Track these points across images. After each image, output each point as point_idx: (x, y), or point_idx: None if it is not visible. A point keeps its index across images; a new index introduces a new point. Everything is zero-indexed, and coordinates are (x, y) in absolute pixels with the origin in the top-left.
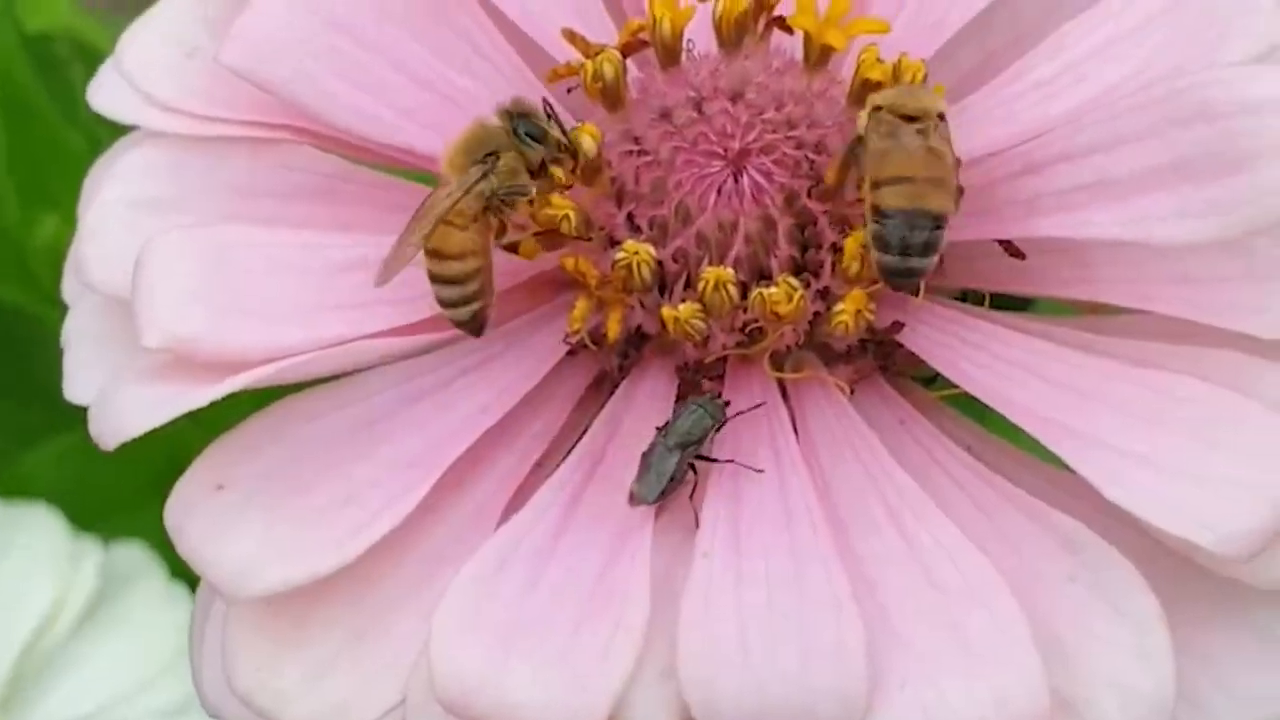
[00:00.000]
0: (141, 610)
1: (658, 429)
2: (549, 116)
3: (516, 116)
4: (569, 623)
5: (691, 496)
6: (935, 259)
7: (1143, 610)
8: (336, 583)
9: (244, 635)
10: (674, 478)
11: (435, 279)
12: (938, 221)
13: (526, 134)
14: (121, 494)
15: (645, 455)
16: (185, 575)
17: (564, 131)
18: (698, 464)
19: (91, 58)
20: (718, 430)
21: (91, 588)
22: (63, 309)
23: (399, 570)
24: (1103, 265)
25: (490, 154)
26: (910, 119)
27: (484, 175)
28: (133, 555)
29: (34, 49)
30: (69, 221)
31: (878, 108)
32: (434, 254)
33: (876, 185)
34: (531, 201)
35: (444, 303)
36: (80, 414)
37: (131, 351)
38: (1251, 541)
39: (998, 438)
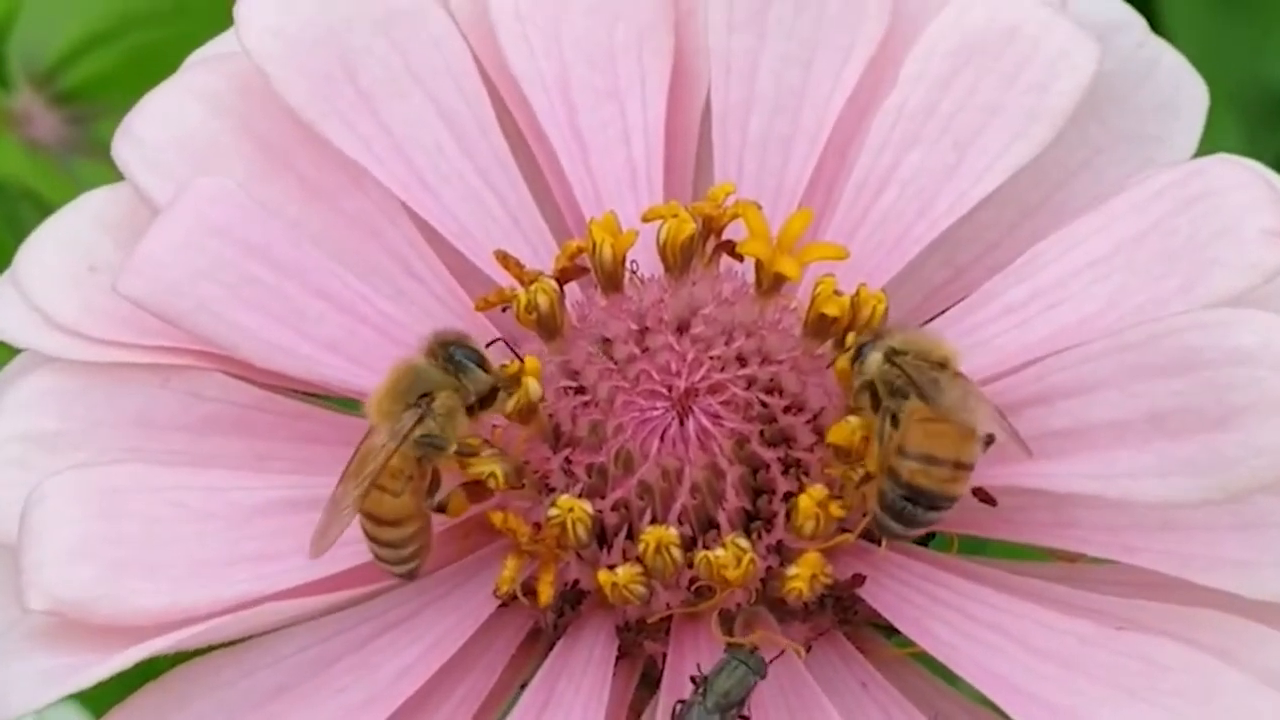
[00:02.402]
0: None
1: (694, 683)
2: (490, 345)
3: (448, 344)
4: None
5: None
6: None
7: None
8: None
9: None
10: None
11: (373, 540)
12: (951, 502)
13: (464, 359)
14: None
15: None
16: None
17: (516, 357)
18: None
19: (39, 202)
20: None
21: None
22: None
23: None
24: (1081, 510)
25: (424, 395)
26: (938, 365)
27: (419, 419)
28: (65, 716)
29: None
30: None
31: (895, 351)
32: (370, 517)
33: (904, 454)
34: (468, 453)
35: (379, 559)
36: None
37: (17, 609)
38: None
39: (964, 697)
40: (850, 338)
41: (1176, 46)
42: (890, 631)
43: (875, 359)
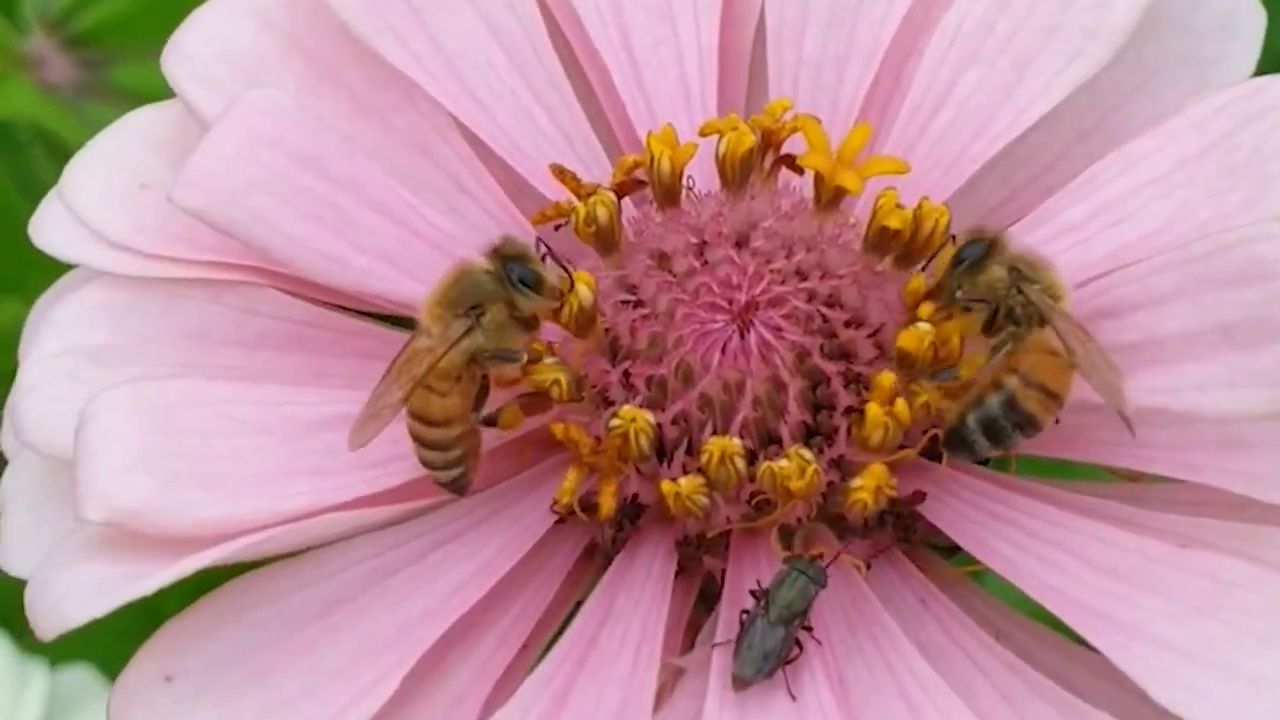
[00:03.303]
0: None
1: (755, 598)
2: (543, 259)
3: (507, 259)
4: None
5: (773, 672)
6: None
7: None
8: None
9: None
10: (781, 655)
11: (418, 440)
12: (1039, 429)
13: (520, 280)
14: None
15: (741, 632)
16: None
17: (564, 270)
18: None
19: (53, 143)
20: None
21: (38, 713)
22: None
23: None
24: (1147, 428)
25: (475, 307)
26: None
27: (468, 331)
28: (80, 679)
29: None
30: (28, 305)
31: (1021, 274)
32: (415, 417)
33: (1021, 377)
34: (534, 359)
35: (426, 464)
36: None
37: (73, 519)
38: None
39: (1023, 615)
40: (947, 251)
41: None
42: (948, 553)
43: (998, 275)
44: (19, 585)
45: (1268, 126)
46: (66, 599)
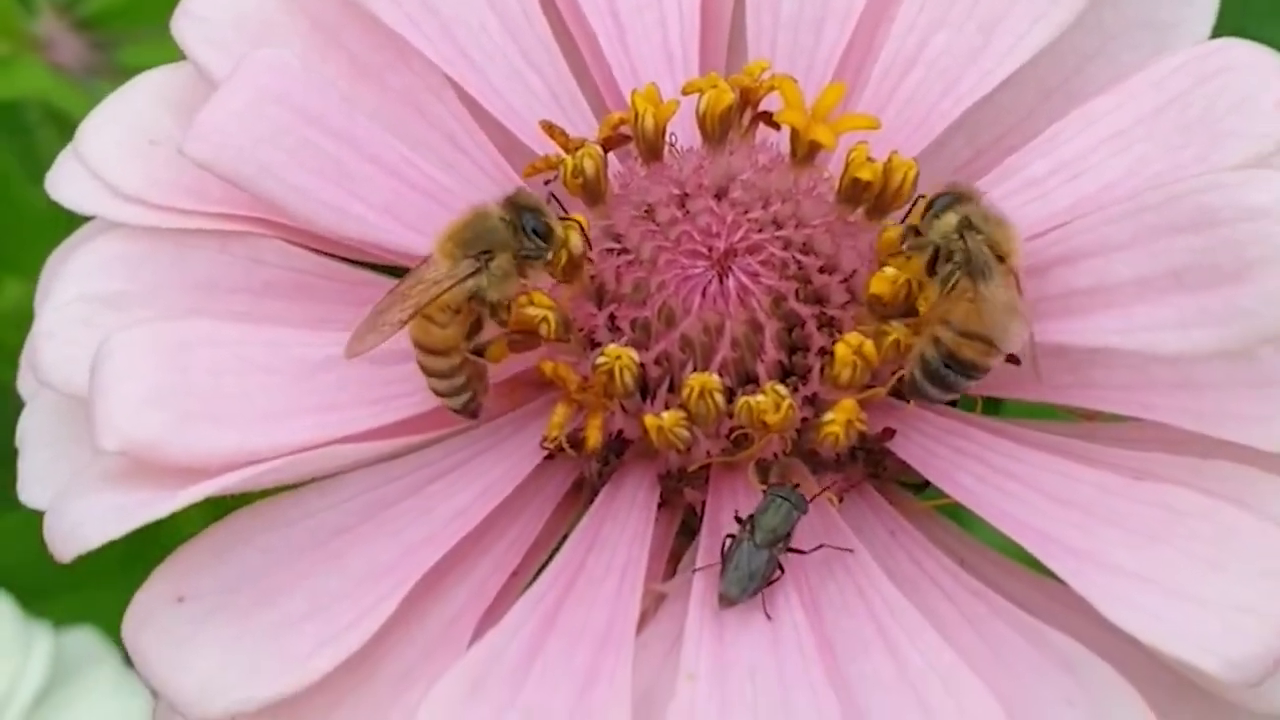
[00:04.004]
0: (93, 697)
1: (740, 523)
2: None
3: (522, 210)
4: None
5: (757, 592)
6: None
7: None
8: (302, 701)
9: None
10: (765, 576)
11: (424, 369)
12: (983, 373)
13: (533, 230)
14: (87, 567)
15: (728, 554)
16: None
17: (566, 216)
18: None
19: (63, 122)
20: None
21: (41, 676)
22: (20, 403)
23: (368, 688)
24: (1101, 370)
25: (485, 251)
26: (999, 258)
27: (474, 272)
28: (84, 641)
29: (1, 113)
30: (33, 285)
31: (970, 224)
32: (417, 345)
33: (948, 324)
34: (509, 309)
35: (436, 393)
36: None
37: (89, 453)
38: (1258, 668)
39: (989, 547)
40: (921, 202)
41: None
42: (917, 490)
43: (949, 222)
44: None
45: (1220, 86)
46: (84, 524)
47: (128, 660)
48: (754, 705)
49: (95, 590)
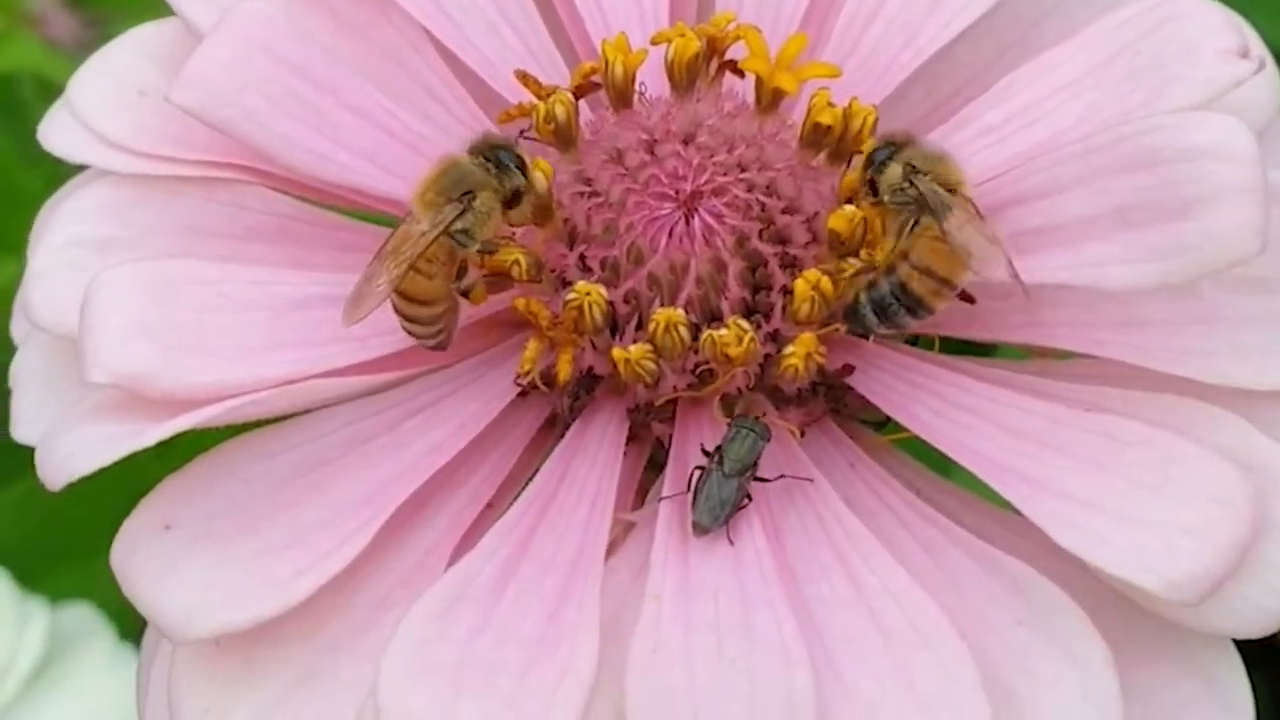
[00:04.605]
0: (89, 672)
1: (708, 456)
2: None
3: (494, 149)
4: (517, 666)
5: (728, 520)
6: None
7: (1091, 654)
8: (285, 623)
9: (190, 677)
10: (735, 504)
11: (403, 316)
12: (929, 313)
13: (509, 161)
14: (83, 539)
15: (698, 485)
16: (135, 634)
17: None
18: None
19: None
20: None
21: (38, 650)
22: (12, 349)
23: (348, 611)
24: (1052, 309)
25: (467, 193)
26: (950, 190)
27: (460, 214)
28: (81, 615)
29: None
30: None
31: (915, 169)
32: (403, 296)
33: (907, 259)
34: (493, 250)
35: (411, 334)
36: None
37: (80, 391)
38: (1197, 587)
39: (946, 480)
40: (867, 144)
41: None
42: (877, 426)
43: (896, 172)
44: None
45: (1166, 36)
46: (74, 454)
47: (123, 635)
48: (716, 623)
49: (90, 568)
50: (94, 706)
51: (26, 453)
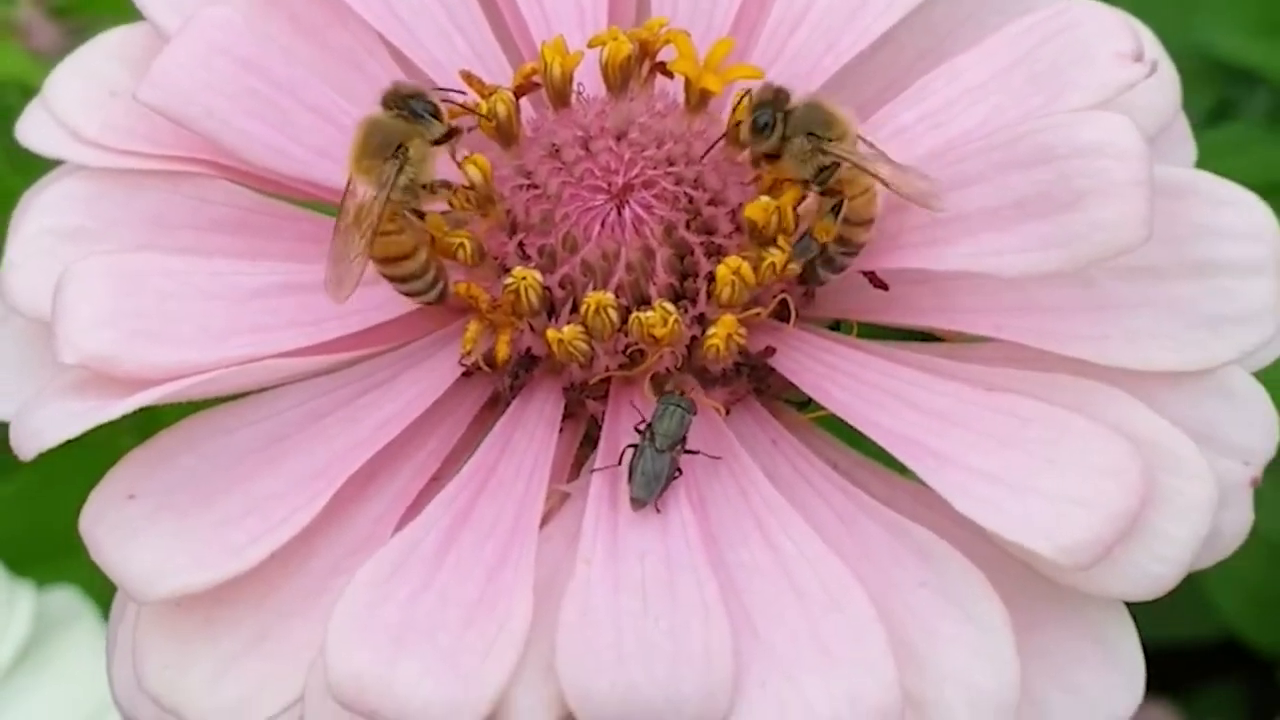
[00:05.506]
0: (74, 655)
1: (640, 434)
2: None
3: (407, 99)
4: (456, 624)
5: (663, 492)
6: None
7: (989, 614)
8: (241, 586)
9: (153, 635)
10: (668, 476)
11: (393, 280)
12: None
13: (422, 109)
14: (67, 537)
15: (633, 462)
16: None
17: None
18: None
19: None
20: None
21: (24, 633)
22: None
23: (300, 576)
24: (960, 295)
25: (398, 147)
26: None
27: (400, 168)
28: (66, 599)
29: None
30: None
31: (819, 137)
32: (384, 261)
33: (849, 221)
34: (447, 186)
35: (408, 294)
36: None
37: (52, 371)
38: (1088, 552)
39: (862, 456)
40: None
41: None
42: (800, 406)
43: (800, 145)
44: None
45: (1065, 42)
46: (44, 428)
47: (108, 619)
48: (642, 585)
49: (72, 565)
50: (78, 687)
51: (10, 450)
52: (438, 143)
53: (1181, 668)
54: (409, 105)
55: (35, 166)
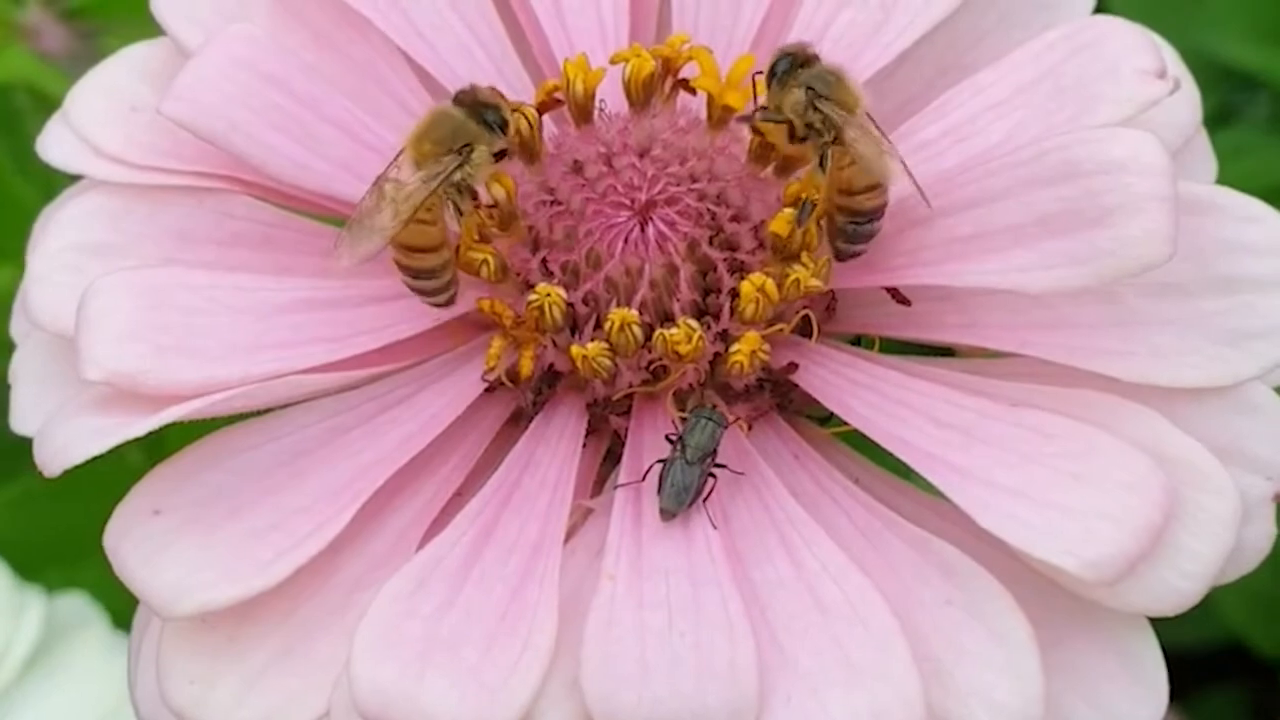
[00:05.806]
0: (84, 660)
1: (672, 445)
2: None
3: (482, 106)
4: (482, 640)
5: (692, 504)
6: None
7: (1014, 630)
8: (267, 602)
9: (178, 651)
10: (698, 489)
11: (411, 271)
12: (882, 212)
13: (495, 123)
14: (76, 541)
15: (663, 473)
16: (126, 626)
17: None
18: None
19: (51, 112)
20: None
21: (34, 639)
22: (11, 347)
23: (325, 590)
24: (983, 311)
25: (465, 145)
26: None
27: (459, 165)
28: (75, 605)
29: None
30: (20, 273)
31: (819, 96)
32: (405, 248)
33: (851, 192)
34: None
35: (416, 290)
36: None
37: (76, 386)
38: (1112, 567)
39: (885, 471)
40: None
41: (1114, 13)
42: (822, 421)
43: (798, 96)
44: None
45: (1090, 57)
46: (69, 444)
47: (117, 624)
48: (667, 601)
49: (82, 568)
50: (87, 693)
51: (20, 455)
52: (497, 157)
53: (1186, 672)
54: (482, 114)
55: (41, 170)
